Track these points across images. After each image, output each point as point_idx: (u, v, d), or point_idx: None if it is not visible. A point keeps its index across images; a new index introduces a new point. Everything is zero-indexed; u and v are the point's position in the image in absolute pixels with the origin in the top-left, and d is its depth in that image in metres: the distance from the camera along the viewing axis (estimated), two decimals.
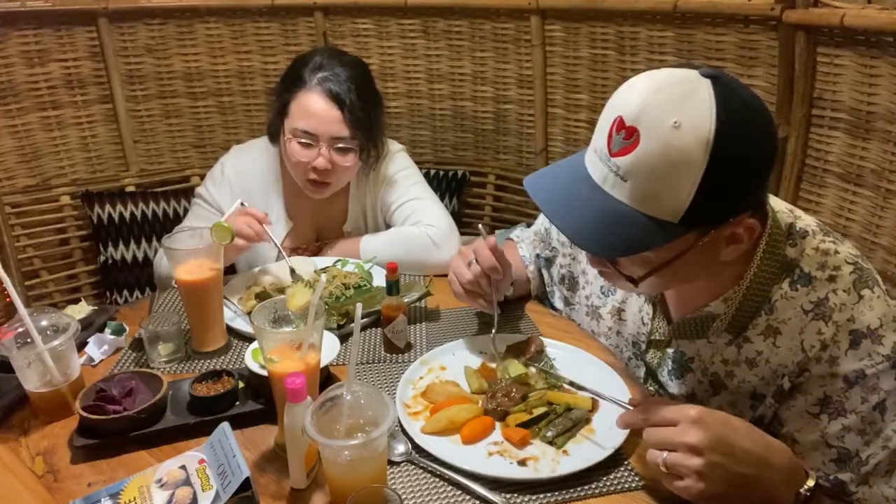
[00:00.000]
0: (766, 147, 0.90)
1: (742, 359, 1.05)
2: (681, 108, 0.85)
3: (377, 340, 1.35)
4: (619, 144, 0.88)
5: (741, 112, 0.86)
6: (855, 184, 1.68)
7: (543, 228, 1.45)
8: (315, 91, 1.59)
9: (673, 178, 0.86)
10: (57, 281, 2.31)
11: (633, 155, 0.86)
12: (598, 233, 0.91)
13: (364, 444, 0.86)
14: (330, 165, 1.61)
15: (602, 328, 1.29)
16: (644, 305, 1.19)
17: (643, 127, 0.86)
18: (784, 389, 1.01)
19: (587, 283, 1.32)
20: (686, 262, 0.94)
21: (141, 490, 0.94)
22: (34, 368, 1.11)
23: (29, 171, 2.23)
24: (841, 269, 0.97)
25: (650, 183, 0.87)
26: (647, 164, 0.86)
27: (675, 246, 0.91)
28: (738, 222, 0.91)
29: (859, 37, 1.60)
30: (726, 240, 0.94)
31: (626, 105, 0.88)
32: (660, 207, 0.88)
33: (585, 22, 2.12)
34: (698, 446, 0.84)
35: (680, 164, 0.85)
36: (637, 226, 0.88)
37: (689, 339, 1.11)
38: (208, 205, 1.71)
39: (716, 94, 0.86)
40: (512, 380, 1.15)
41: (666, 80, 0.88)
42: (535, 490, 0.96)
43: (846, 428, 0.96)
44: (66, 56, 2.21)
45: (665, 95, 0.87)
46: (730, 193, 0.88)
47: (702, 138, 0.84)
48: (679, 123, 0.84)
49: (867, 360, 0.94)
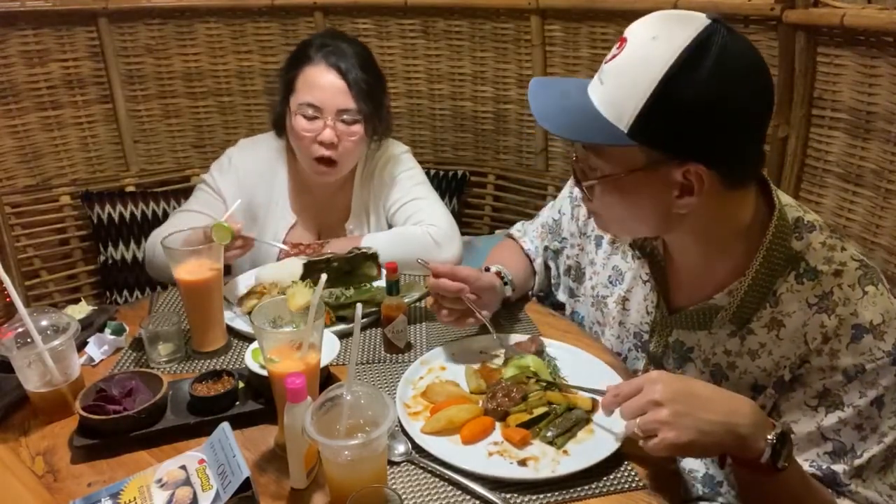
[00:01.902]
0: (731, 97, 0.90)
1: (745, 350, 1.05)
2: (666, 26, 0.92)
3: (377, 340, 1.35)
4: (612, 53, 0.95)
5: (720, 52, 0.89)
6: (855, 184, 1.68)
7: (552, 220, 1.46)
8: (320, 65, 1.62)
9: (630, 85, 0.91)
10: (57, 281, 2.31)
11: (614, 61, 0.94)
12: (560, 118, 0.98)
13: (364, 444, 0.86)
14: (336, 138, 1.62)
15: (606, 318, 1.30)
16: (649, 294, 1.20)
17: (630, 35, 0.94)
18: (785, 381, 1.02)
19: (594, 274, 1.33)
20: (634, 187, 0.97)
21: (141, 490, 0.94)
22: (34, 368, 1.11)
23: (29, 171, 2.23)
24: (847, 265, 0.98)
25: (615, 87, 0.93)
26: (618, 69, 0.93)
27: (623, 159, 0.96)
28: (686, 164, 0.93)
29: (859, 37, 1.60)
30: (678, 187, 0.95)
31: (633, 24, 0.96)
32: (614, 113, 0.93)
33: (585, 22, 2.12)
34: (661, 399, 0.90)
35: (639, 74, 0.90)
36: (591, 121, 0.94)
37: (692, 329, 1.12)
38: (212, 190, 1.72)
39: (706, 28, 0.90)
40: (510, 379, 1.15)
41: (676, 11, 0.97)
42: (535, 490, 0.96)
43: (842, 421, 0.96)
44: (66, 56, 2.21)
45: (664, 15, 0.95)
46: (676, 123, 0.90)
47: (667, 55, 0.88)
48: (657, 37, 0.91)
49: (868, 356, 0.94)
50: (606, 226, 1.13)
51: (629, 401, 0.94)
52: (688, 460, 1.17)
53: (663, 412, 0.90)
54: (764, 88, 0.94)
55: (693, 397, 0.91)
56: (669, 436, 0.89)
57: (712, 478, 1.15)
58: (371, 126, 1.68)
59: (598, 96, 0.96)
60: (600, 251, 1.31)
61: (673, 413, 0.89)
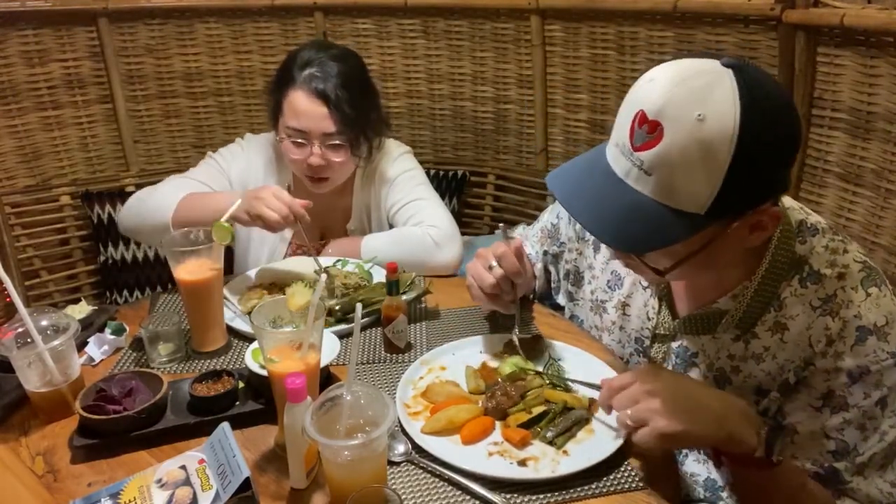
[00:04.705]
0: (790, 135, 0.90)
1: (749, 354, 1.05)
2: (704, 100, 0.84)
3: (377, 340, 1.35)
4: (643, 138, 0.87)
5: (765, 102, 0.86)
6: (855, 184, 1.68)
7: (550, 224, 1.45)
8: (302, 89, 1.60)
9: (698, 172, 0.85)
10: (57, 281, 2.31)
11: (658, 149, 0.86)
12: (623, 227, 0.91)
13: (364, 444, 0.86)
14: (324, 162, 1.63)
15: (606, 322, 1.30)
16: (650, 300, 1.20)
17: (666, 120, 0.85)
18: (790, 383, 1.02)
19: (593, 279, 1.32)
20: (712, 251, 0.94)
21: (141, 490, 0.94)
22: (34, 368, 1.11)
23: (29, 171, 2.23)
24: (850, 267, 0.98)
25: (675, 176, 0.86)
26: (671, 158, 0.85)
27: (700, 237, 0.92)
28: (763, 210, 0.91)
29: (859, 37, 1.60)
30: (751, 227, 0.93)
31: (647, 98, 0.87)
32: (685, 200, 0.87)
33: (585, 22, 2.12)
34: (654, 389, 0.92)
35: (705, 158, 0.84)
36: (662, 219, 0.88)
37: (696, 334, 1.11)
38: (219, 167, 1.73)
39: (739, 84, 0.85)
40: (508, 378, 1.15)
41: (687, 72, 0.88)
42: (535, 490, 0.96)
43: (846, 422, 0.97)
44: (66, 56, 2.21)
45: (687, 87, 0.86)
46: (755, 183, 0.88)
47: (727, 131, 0.83)
48: (703, 116, 0.84)
49: (872, 357, 0.95)
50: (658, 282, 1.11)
51: (622, 392, 0.96)
52: (689, 464, 1.17)
53: (656, 401, 0.91)
54: (791, 103, 0.93)
55: (685, 389, 0.94)
56: (660, 424, 0.90)
57: (714, 482, 1.15)
58: (357, 148, 1.67)
59: (651, 189, 0.88)
60: (599, 256, 1.31)
61: (665, 403, 0.90)
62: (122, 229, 1.69)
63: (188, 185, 1.63)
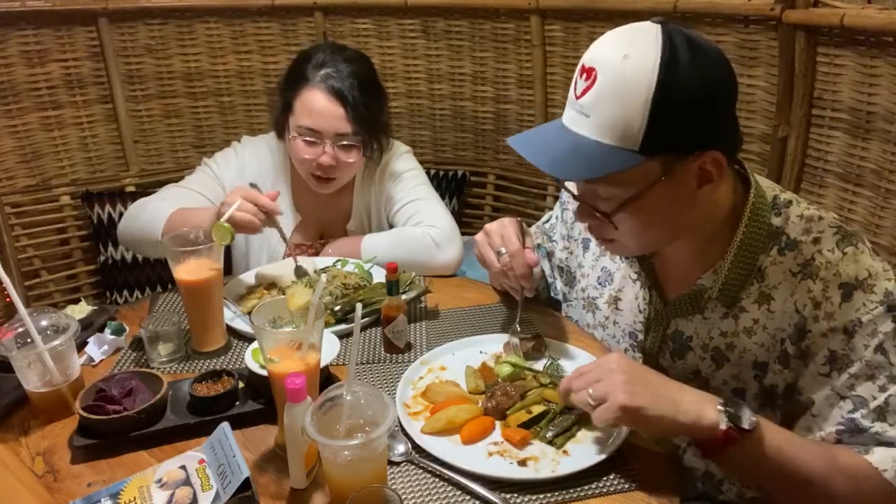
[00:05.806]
0: (718, 81, 0.95)
1: (740, 328, 1.08)
2: (630, 43, 0.94)
3: (377, 340, 1.35)
4: (582, 86, 0.96)
5: (687, 45, 0.92)
6: (855, 184, 1.68)
7: (548, 222, 1.47)
8: (318, 88, 1.60)
9: (625, 106, 0.92)
10: (57, 281, 2.30)
11: (592, 91, 0.94)
12: (565, 163, 0.98)
13: (364, 444, 0.86)
14: (335, 162, 1.63)
15: (598, 318, 1.30)
16: (640, 291, 1.21)
17: (598, 64, 0.95)
18: (788, 354, 1.03)
19: (583, 276, 1.33)
20: (658, 198, 0.98)
21: (141, 490, 0.94)
22: (34, 368, 1.11)
23: (29, 171, 2.22)
24: (825, 232, 1.02)
25: (606, 113, 0.93)
26: (602, 96, 0.93)
27: (640, 176, 0.96)
28: (702, 155, 0.95)
29: (859, 37, 1.60)
30: (697, 177, 0.98)
31: (588, 53, 0.98)
32: (618, 136, 0.93)
33: (585, 22, 2.12)
34: (616, 369, 0.96)
35: (630, 92, 0.91)
36: (599, 153, 0.95)
37: (685, 315, 1.13)
38: (213, 174, 1.73)
39: (663, 30, 0.93)
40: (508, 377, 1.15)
41: (623, 29, 0.98)
42: (535, 490, 0.96)
43: (854, 376, 0.98)
44: (66, 56, 2.21)
45: (617, 35, 0.97)
46: (683, 122, 0.93)
47: (648, 66, 0.91)
48: (628, 55, 0.92)
49: (862, 310, 0.97)
50: (626, 248, 1.13)
51: (584, 375, 1.00)
52: (688, 458, 1.17)
53: (618, 377, 0.95)
54: (719, 53, 0.98)
55: (646, 373, 0.99)
56: (621, 398, 0.93)
57: (712, 476, 1.16)
58: (369, 149, 1.68)
59: (589, 128, 0.96)
60: (588, 254, 1.33)
61: (626, 380, 0.95)
62: (122, 244, 1.70)
63: (181, 196, 1.64)
